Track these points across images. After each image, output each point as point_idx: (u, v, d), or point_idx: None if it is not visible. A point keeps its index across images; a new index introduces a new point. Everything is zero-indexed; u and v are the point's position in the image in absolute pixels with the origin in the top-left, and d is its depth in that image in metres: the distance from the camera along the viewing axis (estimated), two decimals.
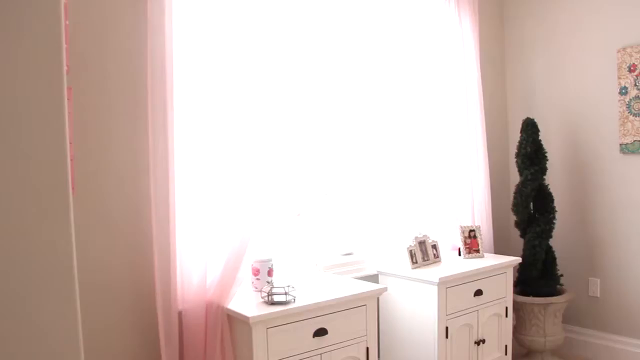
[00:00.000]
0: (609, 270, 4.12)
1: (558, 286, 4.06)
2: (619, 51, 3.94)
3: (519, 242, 4.15)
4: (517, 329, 4.05)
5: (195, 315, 2.85)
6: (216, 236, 2.94)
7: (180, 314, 2.86)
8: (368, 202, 3.77)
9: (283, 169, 3.29)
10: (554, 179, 4.28)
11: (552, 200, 4.04)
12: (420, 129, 3.91)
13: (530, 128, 4.00)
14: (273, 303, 2.76)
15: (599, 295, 4.18)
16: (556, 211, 4.04)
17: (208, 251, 2.89)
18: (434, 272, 3.41)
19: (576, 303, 4.22)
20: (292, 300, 2.77)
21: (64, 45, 1.81)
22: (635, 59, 3.85)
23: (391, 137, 3.84)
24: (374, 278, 3.56)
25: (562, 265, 4.16)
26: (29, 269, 1.79)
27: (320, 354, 2.83)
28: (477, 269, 3.54)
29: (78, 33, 2.61)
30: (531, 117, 4.15)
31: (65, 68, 1.87)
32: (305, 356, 2.77)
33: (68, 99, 1.88)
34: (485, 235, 4.05)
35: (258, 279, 3.00)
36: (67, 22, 2.45)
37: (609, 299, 4.13)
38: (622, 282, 4.04)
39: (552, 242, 4.07)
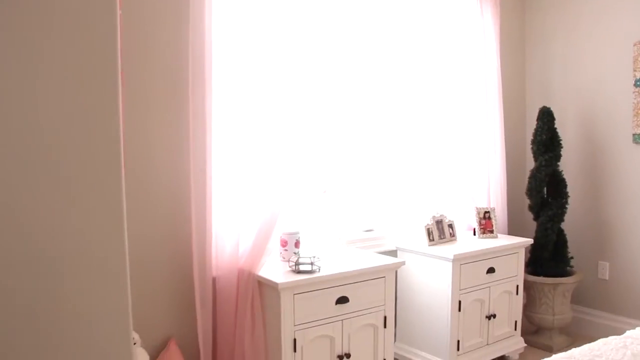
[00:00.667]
0: (618, 255, 4.34)
1: (568, 268, 4.30)
2: (635, 44, 4.12)
3: (532, 225, 4.37)
4: (528, 307, 4.30)
5: (227, 282, 3.14)
6: (248, 210, 3.21)
7: (214, 280, 3.15)
8: (389, 183, 4.04)
9: (311, 150, 3.56)
10: (568, 165, 4.50)
11: (565, 186, 4.25)
12: (441, 115, 4.13)
13: (546, 116, 4.21)
14: (299, 272, 3.04)
15: (607, 278, 4.41)
16: (569, 196, 4.26)
17: (240, 224, 3.17)
18: (449, 250, 3.66)
19: (585, 285, 4.45)
20: (317, 270, 3.05)
21: (119, 32, 2.09)
22: None
23: (413, 123, 4.08)
24: (392, 253, 3.82)
25: (573, 248, 4.39)
26: (87, 235, 2.10)
27: (342, 320, 3.11)
28: (490, 248, 3.79)
29: (126, 22, 2.88)
30: (548, 105, 4.36)
31: (119, 52, 2.15)
32: (327, 321, 3.06)
33: (121, 83, 2.17)
34: (500, 217, 4.29)
35: (286, 250, 3.28)
36: (121, 12, 2.73)
37: (618, 282, 4.35)
38: (630, 266, 4.26)
39: (563, 225, 4.30)
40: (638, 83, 4.10)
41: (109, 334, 2.27)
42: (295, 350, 2.96)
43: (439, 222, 3.85)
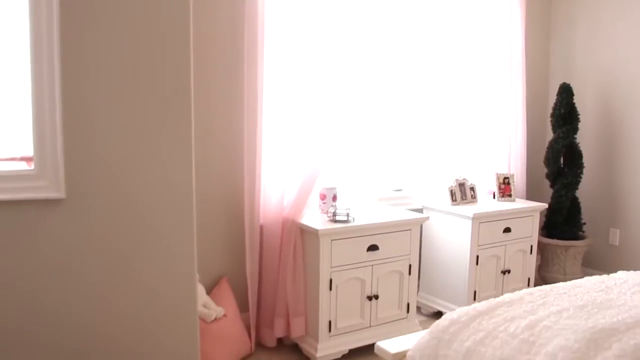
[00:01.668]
0: (628, 222, 4.75)
1: (580, 232, 4.74)
2: None
3: (549, 192, 4.79)
4: (541, 267, 4.76)
5: (273, 229, 3.65)
6: (292, 168, 3.70)
7: (261, 227, 3.67)
8: (418, 147, 4.52)
9: (348, 116, 4.03)
10: (586, 137, 4.89)
11: (580, 157, 4.66)
12: (468, 88, 4.55)
13: (565, 92, 4.61)
14: (336, 221, 3.54)
15: (617, 244, 4.83)
16: (584, 167, 4.67)
17: (285, 180, 3.68)
18: (470, 209, 4.12)
19: (596, 249, 4.88)
20: (352, 220, 3.55)
21: (191, 19, 2.61)
22: None
23: (441, 94, 4.51)
24: (419, 211, 4.29)
25: (586, 214, 4.81)
26: (164, 188, 2.67)
27: (372, 265, 3.61)
28: (507, 210, 4.24)
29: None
30: (570, 81, 4.75)
31: (191, 34, 2.67)
32: (359, 265, 3.56)
33: None
34: (519, 183, 4.73)
35: (324, 203, 3.77)
36: None
37: (627, 248, 4.77)
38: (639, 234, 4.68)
39: (578, 193, 4.72)
40: None
41: (179, 271, 2.87)
42: (330, 289, 3.47)
43: (461, 185, 4.30)
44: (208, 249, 3.56)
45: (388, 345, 2.06)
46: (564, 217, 4.66)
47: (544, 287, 2.23)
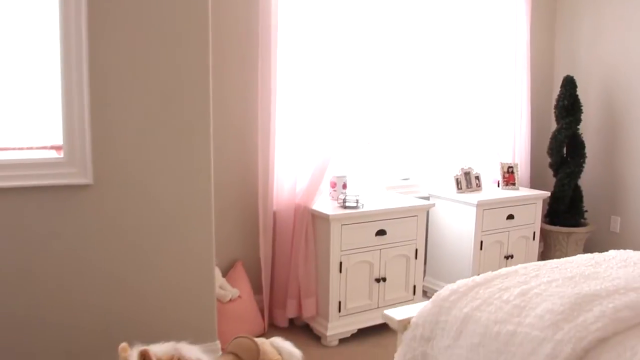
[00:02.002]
0: (629, 211, 4.92)
1: (582, 220, 4.91)
2: None
3: (553, 180, 4.96)
4: (544, 253, 4.94)
5: (286, 214, 3.85)
6: (304, 157, 3.90)
7: (274, 214, 3.87)
8: (425, 138, 4.71)
9: (358, 107, 4.22)
10: (589, 128, 5.06)
11: (583, 147, 4.83)
12: (473, 80, 4.73)
13: (568, 84, 4.78)
14: (346, 207, 3.74)
15: (618, 231, 5.00)
16: (586, 156, 4.84)
17: (297, 168, 3.87)
18: (474, 197, 4.31)
19: (598, 236, 5.05)
20: (361, 206, 3.75)
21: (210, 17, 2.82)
22: None
23: (448, 86, 4.70)
24: (425, 199, 4.48)
25: (588, 203, 4.99)
26: (185, 172, 2.89)
27: (380, 249, 3.81)
28: (511, 197, 4.43)
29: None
30: (574, 74, 4.92)
31: (210, 31, 2.88)
32: (368, 249, 3.76)
33: None
34: (523, 172, 4.91)
35: (335, 190, 3.97)
36: None
37: (628, 235, 4.94)
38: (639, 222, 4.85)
39: (581, 182, 4.90)
40: None
41: (199, 255, 3.10)
42: (340, 272, 3.68)
43: (467, 174, 4.49)
44: (224, 234, 3.76)
45: (394, 313, 2.26)
46: (567, 205, 4.84)
47: (538, 262, 2.42)
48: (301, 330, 3.88)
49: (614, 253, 2.63)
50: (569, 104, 4.78)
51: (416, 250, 3.96)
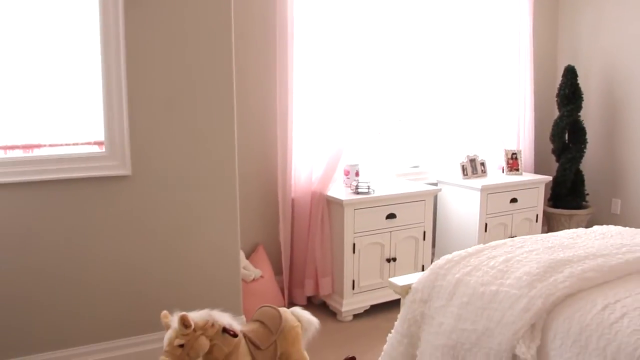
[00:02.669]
0: (629, 193, 5.24)
1: (583, 202, 5.23)
2: None
3: (556, 166, 5.28)
4: None
5: (303, 201, 4.23)
6: (319, 146, 4.27)
7: (293, 200, 4.25)
8: (434, 127, 5.07)
9: (369, 100, 4.57)
10: (590, 115, 5.37)
11: (584, 133, 5.15)
12: (479, 71, 5.07)
13: (569, 73, 5.10)
14: (359, 193, 4.10)
15: (619, 213, 5.32)
16: (587, 142, 5.16)
17: (313, 158, 4.24)
18: (479, 182, 4.66)
19: (599, 218, 5.37)
20: (372, 192, 4.11)
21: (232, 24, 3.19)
22: None
23: (454, 77, 5.04)
24: (434, 185, 4.83)
25: (590, 186, 5.31)
26: (213, 164, 3.27)
27: (390, 231, 4.17)
28: (513, 182, 4.77)
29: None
30: (576, 63, 5.24)
31: (232, 32, 3.24)
32: (379, 232, 4.13)
33: None
34: (528, 158, 5.24)
35: (348, 178, 4.33)
36: None
37: (628, 216, 5.25)
38: (639, 204, 5.15)
39: (582, 166, 5.22)
40: None
41: (225, 239, 3.48)
42: (354, 253, 4.05)
43: (472, 161, 4.83)
44: (246, 220, 4.14)
45: (398, 280, 2.63)
46: (568, 189, 5.17)
47: (526, 236, 2.77)
48: (318, 307, 4.26)
49: (596, 228, 2.97)
50: (569, 93, 5.10)
51: (424, 232, 4.31)
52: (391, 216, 4.15)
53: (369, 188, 4.12)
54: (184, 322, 2.45)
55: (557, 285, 2.07)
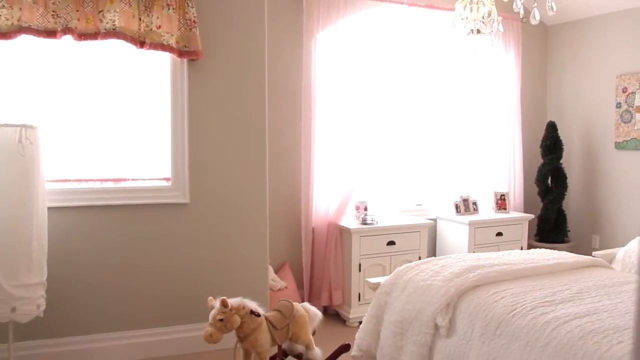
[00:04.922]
0: (606, 230, 6.27)
1: (565, 238, 6.28)
2: (617, 77, 6.04)
3: (542, 205, 6.36)
4: None
5: (321, 229, 5.44)
6: (335, 187, 5.49)
7: (313, 229, 5.46)
8: (435, 171, 6.26)
9: (377, 149, 5.79)
10: (572, 163, 6.47)
11: (565, 178, 6.25)
12: (476, 125, 6.25)
13: (550, 128, 6.25)
14: (365, 224, 5.29)
15: (598, 247, 6.33)
16: (567, 186, 6.26)
17: (330, 195, 5.46)
18: (468, 218, 5.78)
19: (580, 252, 6.32)
20: (376, 223, 5.28)
21: (266, 78, 4.47)
22: (627, 83, 5.94)
23: (453, 130, 6.23)
24: (433, 220, 5.96)
25: (572, 224, 6.37)
26: (250, 196, 4.50)
27: (390, 255, 5.33)
28: (499, 219, 5.90)
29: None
30: (560, 118, 6.41)
31: (266, 94, 4.52)
32: (381, 255, 5.30)
33: None
34: (518, 199, 6.36)
35: (358, 212, 5.53)
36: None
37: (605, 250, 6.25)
38: (615, 239, 6.17)
39: (565, 206, 6.30)
40: (618, 105, 6.03)
41: (258, 256, 4.67)
42: (360, 271, 5.21)
43: (465, 200, 5.97)
44: (276, 244, 5.35)
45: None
46: (551, 225, 6.24)
47: (471, 253, 3.91)
48: (332, 316, 5.42)
49: (532, 250, 4.08)
50: (551, 144, 6.22)
51: (419, 257, 5.45)
52: (391, 243, 5.31)
53: (373, 220, 5.30)
54: (224, 303, 3.66)
55: (468, 279, 3.22)
